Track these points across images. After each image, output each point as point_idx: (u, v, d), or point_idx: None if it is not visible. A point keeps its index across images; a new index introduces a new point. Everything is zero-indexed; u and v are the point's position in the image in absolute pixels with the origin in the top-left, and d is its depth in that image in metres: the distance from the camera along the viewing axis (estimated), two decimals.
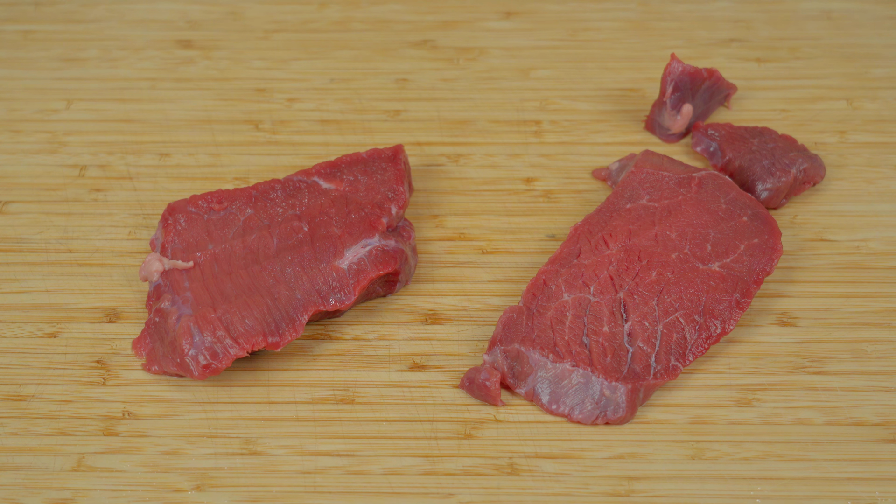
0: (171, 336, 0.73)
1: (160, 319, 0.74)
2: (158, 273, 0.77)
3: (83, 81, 0.99)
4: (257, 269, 0.76)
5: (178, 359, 0.72)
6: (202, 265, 0.77)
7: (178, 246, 0.79)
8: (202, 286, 0.76)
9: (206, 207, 0.80)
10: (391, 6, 1.08)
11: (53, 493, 0.68)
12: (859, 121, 0.94)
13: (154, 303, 0.76)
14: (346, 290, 0.76)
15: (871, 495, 0.68)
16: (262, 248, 0.78)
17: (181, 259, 0.77)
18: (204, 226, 0.79)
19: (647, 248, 0.78)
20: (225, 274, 0.76)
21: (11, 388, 0.74)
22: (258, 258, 0.77)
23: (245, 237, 0.78)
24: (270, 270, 0.76)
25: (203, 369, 0.71)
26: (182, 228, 0.79)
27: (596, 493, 0.68)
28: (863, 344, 0.76)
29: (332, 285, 0.76)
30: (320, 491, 0.68)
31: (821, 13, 1.06)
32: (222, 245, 0.78)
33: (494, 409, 0.73)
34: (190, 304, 0.74)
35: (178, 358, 0.72)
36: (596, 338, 0.73)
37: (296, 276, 0.76)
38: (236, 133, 0.93)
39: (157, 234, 0.80)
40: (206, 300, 0.74)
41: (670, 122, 0.91)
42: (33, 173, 0.90)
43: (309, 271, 0.76)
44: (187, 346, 0.72)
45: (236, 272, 0.76)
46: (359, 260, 0.77)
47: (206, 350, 0.72)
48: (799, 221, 0.85)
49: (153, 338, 0.75)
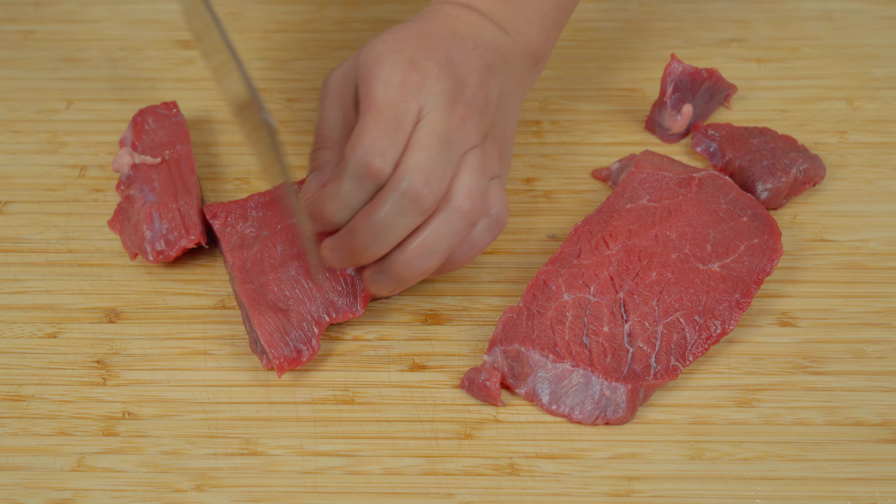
0: (135, 220, 0.80)
1: (128, 205, 0.82)
2: (129, 165, 0.85)
3: (83, 81, 0.99)
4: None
5: (139, 242, 0.79)
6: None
7: (146, 144, 0.86)
8: (168, 179, 0.82)
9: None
10: (391, 6, 1.08)
11: (53, 493, 0.68)
12: (859, 121, 0.94)
13: (125, 189, 0.84)
14: (353, 298, 0.76)
15: (871, 495, 0.68)
16: (266, 258, 0.77)
17: (149, 156, 0.84)
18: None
19: (647, 249, 0.78)
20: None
21: (11, 389, 0.74)
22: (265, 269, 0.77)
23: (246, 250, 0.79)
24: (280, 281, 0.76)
25: (157, 255, 0.79)
26: (151, 129, 0.87)
27: (596, 494, 0.68)
28: (863, 344, 0.76)
29: (341, 293, 0.76)
30: (320, 491, 0.68)
31: (821, 13, 1.06)
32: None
33: (494, 410, 0.73)
34: (156, 192, 0.82)
35: (139, 241, 0.79)
36: (596, 338, 0.73)
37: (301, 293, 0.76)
38: (236, 133, 0.93)
39: (127, 134, 0.88)
40: (171, 191, 0.81)
41: (670, 123, 0.91)
42: (33, 173, 0.90)
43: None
44: (147, 230, 0.79)
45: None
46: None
47: (162, 237, 0.79)
48: (799, 222, 0.85)
49: (122, 221, 0.82)
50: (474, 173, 0.72)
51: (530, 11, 0.80)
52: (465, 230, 0.72)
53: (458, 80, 0.73)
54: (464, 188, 0.71)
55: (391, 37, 0.75)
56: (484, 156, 0.73)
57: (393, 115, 0.71)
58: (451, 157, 0.71)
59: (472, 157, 0.72)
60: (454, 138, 0.71)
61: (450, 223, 0.71)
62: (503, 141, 0.76)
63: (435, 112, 0.71)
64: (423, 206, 0.70)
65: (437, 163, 0.70)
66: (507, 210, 0.75)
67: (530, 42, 0.80)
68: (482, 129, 0.73)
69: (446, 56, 0.74)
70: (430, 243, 0.71)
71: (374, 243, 0.70)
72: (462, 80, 0.73)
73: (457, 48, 0.75)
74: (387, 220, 0.70)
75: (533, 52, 0.81)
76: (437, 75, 0.72)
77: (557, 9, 0.82)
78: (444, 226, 0.71)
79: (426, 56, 0.73)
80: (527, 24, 0.80)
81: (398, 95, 0.71)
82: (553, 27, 0.82)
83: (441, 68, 0.73)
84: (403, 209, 0.70)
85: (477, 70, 0.75)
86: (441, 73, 0.72)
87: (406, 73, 0.72)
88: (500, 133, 0.76)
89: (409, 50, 0.73)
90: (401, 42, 0.74)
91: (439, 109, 0.71)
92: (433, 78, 0.72)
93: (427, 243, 0.71)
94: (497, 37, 0.78)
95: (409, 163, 0.70)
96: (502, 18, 0.79)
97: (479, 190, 0.72)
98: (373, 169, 0.70)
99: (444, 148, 0.71)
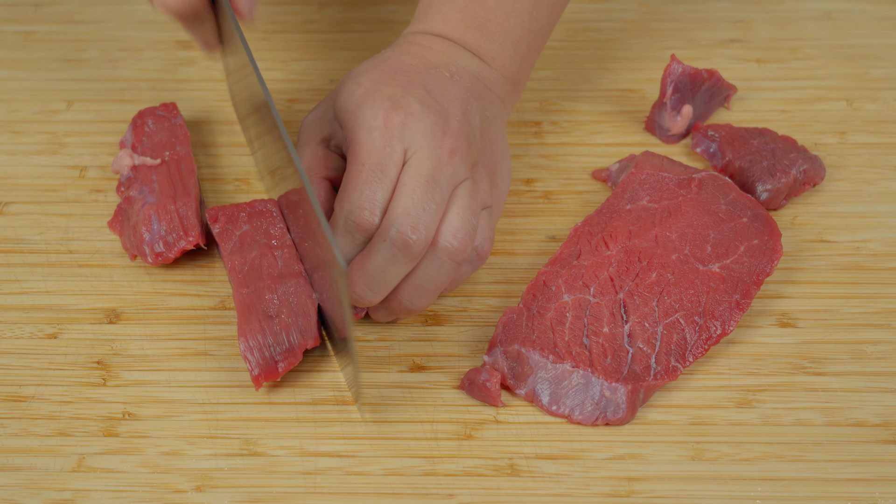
0: (134, 221, 0.80)
1: (127, 206, 0.83)
2: (128, 167, 0.85)
3: (83, 82, 0.99)
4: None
5: (138, 244, 0.79)
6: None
7: (146, 145, 0.86)
8: (168, 180, 0.82)
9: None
10: (391, 6, 1.08)
11: (53, 493, 0.68)
12: (859, 121, 0.94)
13: (125, 191, 0.84)
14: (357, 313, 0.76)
15: (871, 496, 0.68)
16: (265, 266, 0.77)
17: (149, 157, 0.84)
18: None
19: (647, 250, 0.78)
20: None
21: (11, 389, 0.74)
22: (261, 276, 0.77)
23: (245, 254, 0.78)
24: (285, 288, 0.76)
25: (156, 256, 0.79)
26: (150, 130, 0.87)
27: (596, 494, 0.68)
28: (863, 345, 0.76)
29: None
30: (320, 491, 0.68)
31: (821, 13, 1.06)
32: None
33: (494, 410, 0.73)
34: (156, 194, 0.82)
35: (138, 243, 0.79)
36: (596, 339, 0.73)
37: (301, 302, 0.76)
38: (236, 134, 0.93)
39: (127, 136, 0.88)
40: (170, 192, 0.81)
41: (670, 123, 0.91)
42: (33, 174, 0.90)
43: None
44: (146, 232, 0.79)
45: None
46: None
47: (161, 239, 0.79)
48: (799, 222, 0.85)
49: (122, 222, 0.82)
50: (463, 211, 0.72)
51: (503, 37, 0.80)
52: (455, 269, 0.73)
53: (440, 111, 0.73)
54: (451, 228, 0.72)
55: (366, 78, 0.75)
56: (474, 188, 0.73)
57: (377, 164, 0.71)
58: (439, 197, 0.71)
59: (462, 191, 0.73)
60: (442, 176, 0.72)
61: (438, 265, 0.72)
62: (493, 166, 0.77)
63: (420, 151, 0.72)
64: (412, 253, 0.71)
65: (423, 208, 0.70)
66: (492, 243, 0.76)
67: (505, 66, 0.81)
68: (471, 159, 0.74)
69: (424, 89, 0.74)
70: (421, 285, 0.73)
71: (369, 292, 0.72)
72: (445, 111, 0.74)
73: (433, 79, 0.75)
74: (379, 269, 0.71)
75: (509, 77, 0.81)
76: (420, 111, 0.72)
77: (531, 33, 0.82)
78: (432, 268, 0.72)
79: (405, 93, 0.73)
80: (500, 49, 0.80)
81: (382, 140, 0.72)
82: (528, 52, 0.82)
83: (422, 103, 0.73)
84: (394, 257, 0.71)
85: (457, 98, 0.75)
86: (423, 109, 0.73)
87: (387, 114, 0.72)
88: (489, 158, 0.76)
89: (387, 89, 0.74)
90: (377, 82, 0.74)
91: (424, 147, 0.72)
92: (415, 115, 0.72)
93: (418, 285, 0.73)
94: (472, 63, 0.78)
95: (396, 211, 0.71)
96: (475, 45, 0.79)
97: (466, 229, 0.72)
98: (362, 223, 0.71)
99: (431, 189, 0.71)
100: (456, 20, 0.80)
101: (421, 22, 0.81)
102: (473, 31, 0.80)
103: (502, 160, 0.78)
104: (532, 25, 0.81)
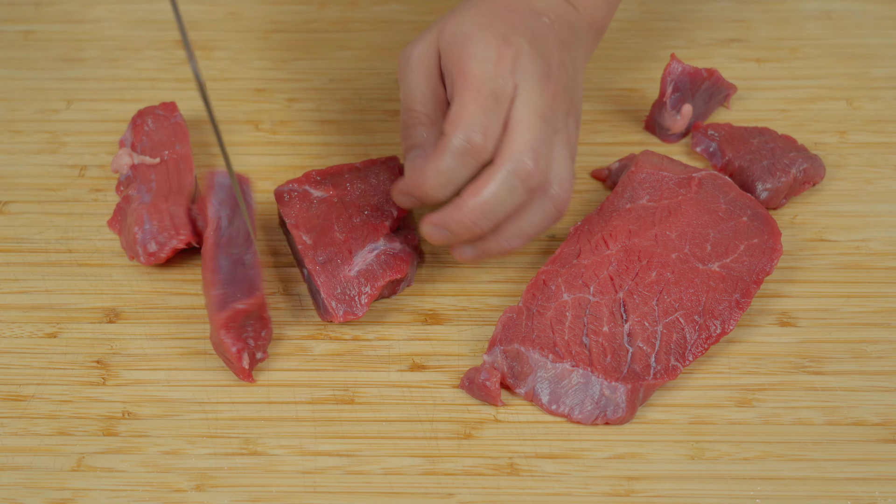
0: (130, 220, 0.80)
1: (126, 205, 0.82)
2: (128, 166, 0.85)
3: (83, 82, 0.99)
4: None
5: (132, 244, 0.79)
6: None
7: (146, 145, 0.86)
8: (166, 179, 0.82)
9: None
10: (391, 6, 1.08)
11: (53, 493, 0.68)
12: (859, 121, 0.94)
13: (124, 190, 0.84)
14: (358, 300, 0.76)
15: (871, 495, 0.68)
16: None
17: (149, 156, 0.84)
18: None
19: (646, 249, 0.78)
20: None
21: (11, 388, 0.74)
22: None
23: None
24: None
25: (149, 256, 0.79)
26: (150, 129, 0.87)
27: (596, 493, 0.68)
28: (863, 344, 0.76)
29: (345, 295, 0.76)
30: (320, 491, 0.68)
31: (821, 13, 1.06)
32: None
33: (494, 409, 0.73)
34: (152, 193, 0.82)
35: (132, 243, 0.79)
36: (596, 338, 0.73)
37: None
38: (236, 133, 0.93)
39: (127, 135, 0.88)
40: (165, 191, 0.81)
41: (670, 123, 0.91)
42: (33, 173, 0.90)
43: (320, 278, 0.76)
44: (138, 232, 0.79)
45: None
46: (368, 266, 0.77)
47: (153, 238, 0.78)
48: (799, 221, 0.85)
49: (121, 221, 0.82)
50: (566, 162, 0.73)
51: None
52: (555, 218, 0.74)
53: (545, 57, 0.74)
54: (559, 177, 0.73)
55: (476, 11, 0.75)
56: (568, 139, 0.74)
57: (491, 92, 0.71)
58: (549, 137, 0.72)
59: (561, 141, 0.73)
60: (549, 118, 0.72)
61: (542, 211, 0.73)
62: (578, 116, 0.77)
63: (530, 90, 0.72)
64: (531, 184, 0.71)
65: (542, 142, 0.71)
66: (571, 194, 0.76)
67: (594, 15, 0.81)
68: (566, 108, 0.74)
69: (531, 32, 0.74)
70: (522, 227, 0.73)
71: (482, 220, 0.71)
72: (548, 57, 0.74)
73: (537, 24, 0.75)
74: (497, 197, 0.70)
75: (595, 24, 0.81)
76: (529, 52, 0.73)
77: None
78: (536, 213, 0.73)
79: (515, 31, 0.73)
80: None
81: (494, 72, 0.71)
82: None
83: (531, 45, 0.73)
84: (513, 188, 0.70)
85: (555, 46, 0.75)
86: (532, 51, 0.73)
87: (500, 49, 0.72)
88: (576, 109, 0.77)
89: (499, 25, 0.74)
90: (488, 17, 0.74)
91: (534, 88, 0.72)
92: (526, 55, 0.72)
93: (519, 227, 0.73)
94: (567, 11, 0.79)
95: (515, 143, 0.71)
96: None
97: (570, 181, 0.73)
98: (476, 146, 0.71)
99: (544, 127, 0.71)
100: None
101: None
102: None
103: (580, 112, 0.79)
104: None
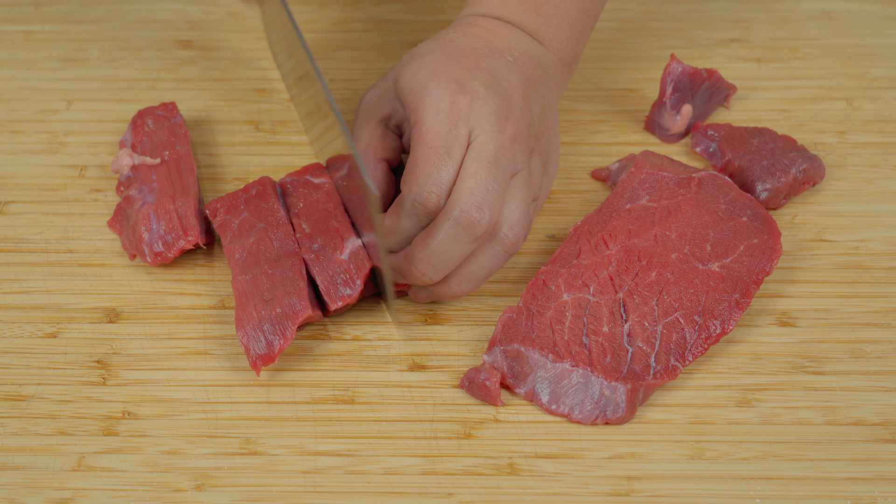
0: (133, 221, 0.80)
1: (127, 205, 0.83)
2: (128, 166, 0.85)
3: (83, 82, 0.99)
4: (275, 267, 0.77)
5: (137, 244, 0.79)
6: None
7: (146, 145, 0.86)
8: (167, 179, 0.82)
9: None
10: (391, 6, 1.08)
11: (53, 492, 0.68)
12: (859, 121, 0.94)
13: (124, 190, 0.84)
14: (351, 283, 0.76)
15: (871, 495, 0.68)
16: (262, 251, 0.77)
17: (149, 157, 0.84)
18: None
19: (646, 249, 0.78)
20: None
21: (11, 388, 0.74)
22: (260, 261, 0.77)
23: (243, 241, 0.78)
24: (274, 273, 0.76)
25: (155, 256, 0.79)
26: (150, 129, 0.87)
27: (596, 493, 0.68)
28: (862, 344, 0.76)
29: (339, 280, 0.76)
30: (320, 491, 0.68)
31: (821, 13, 1.06)
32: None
33: (494, 409, 0.73)
34: (155, 193, 0.82)
35: (137, 243, 0.79)
36: (595, 338, 0.73)
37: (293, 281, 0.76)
38: (236, 133, 0.93)
39: (127, 135, 0.88)
40: (169, 192, 0.81)
41: (670, 123, 0.91)
42: (33, 173, 0.90)
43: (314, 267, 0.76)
44: (145, 232, 0.79)
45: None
46: (357, 249, 0.77)
47: (160, 239, 0.79)
48: (798, 222, 0.85)
49: (122, 221, 0.82)
50: (520, 204, 0.74)
51: (559, 18, 0.81)
52: (506, 260, 0.75)
53: (504, 96, 0.74)
54: (509, 220, 0.73)
55: (432, 58, 0.76)
56: (529, 178, 0.75)
57: (443, 147, 0.72)
58: (501, 180, 0.72)
59: (519, 182, 0.74)
60: (504, 160, 0.73)
61: (492, 254, 0.74)
62: (546, 154, 0.78)
63: (484, 134, 0.72)
64: (476, 232, 0.71)
65: (487, 188, 0.71)
66: (527, 234, 0.76)
67: (562, 49, 0.81)
68: (529, 147, 0.75)
69: (489, 73, 0.75)
70: (472, 271, 0.74)
71: (430, 270, 0.72)
72: (509, 97, 0.74)
73: (497, 63, 0.76)
74: (442, 247, 0.72)
75: (565, 59, 0.82)
76: (485, 95, 0.73)
77: (584, 13, 0.82)
78: (485, 256, 0.74)
79: (471, 76, 0.74)
80: (557, 31, 0.80)
81: (448, 123, 0.72)
82: (582, 32, 0.83)
83: (487, 87, 0.74)
84: (457, 238, 0.71)
85: (519, 84, 0.76)
86: (488, 93, 0.73)
87: (454, 96, 0.73)
88: (544, 147, 0.77)
89: (454, 70, 0.74)
90: (443, 63, 0.75)
91: (489, 131, 0.72)
92: (481, 99, 0.73)
93: (469, 271, 0.74)
94: (532, 47, 0.79)
95: (460, 191, 0.71)
96: (533, 28, 0.80)
97: (522, 223, 0.74)
98: (429, 205, 0.72)
99: (494, 172, 0.72)
100: (514, 2, 0.80)
101: (477, 5, 0.82)
102: (531, 13, 0.80)
103: (554, 150, 0.79)
104: (585, 5, 0.82)
